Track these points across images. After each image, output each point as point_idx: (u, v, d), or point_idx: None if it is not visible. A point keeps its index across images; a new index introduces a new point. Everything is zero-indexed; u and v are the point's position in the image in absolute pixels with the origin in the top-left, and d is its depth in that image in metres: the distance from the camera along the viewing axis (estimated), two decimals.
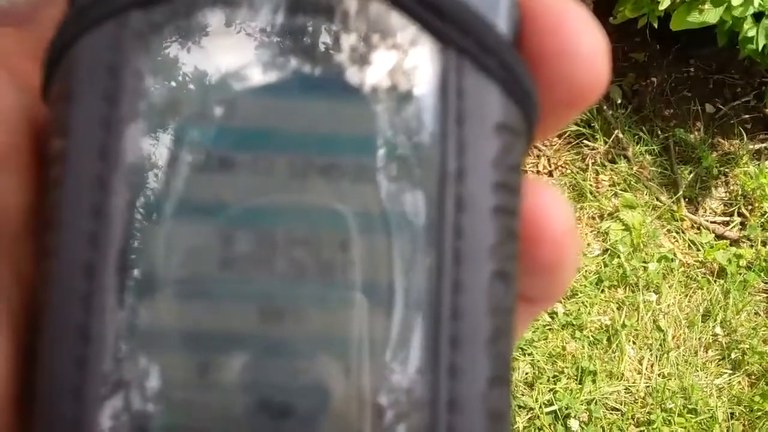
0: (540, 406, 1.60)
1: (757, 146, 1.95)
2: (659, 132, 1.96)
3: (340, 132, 0.19)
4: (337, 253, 0.19)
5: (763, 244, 1.82)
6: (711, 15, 1.63)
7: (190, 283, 0.19)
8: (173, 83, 0.19)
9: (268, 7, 0.19)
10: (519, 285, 0.20)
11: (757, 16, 1.63)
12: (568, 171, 1.88)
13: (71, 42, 0.19)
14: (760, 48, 1.61)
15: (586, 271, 1.75)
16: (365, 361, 0.19)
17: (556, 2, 0.20)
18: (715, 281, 1.77)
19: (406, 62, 0.19)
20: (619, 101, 1.97)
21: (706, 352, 1.71)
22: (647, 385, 1.65)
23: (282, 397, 0.18)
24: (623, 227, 1.81)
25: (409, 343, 0.19)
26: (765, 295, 1.77)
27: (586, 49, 0.20)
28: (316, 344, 0.19)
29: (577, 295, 1.71)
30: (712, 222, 1.86)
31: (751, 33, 1.62)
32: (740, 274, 1.78)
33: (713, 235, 1.84)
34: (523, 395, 1.61)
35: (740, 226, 1.86)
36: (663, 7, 1.66)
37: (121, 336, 0.18)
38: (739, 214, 1.87)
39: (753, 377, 1.68)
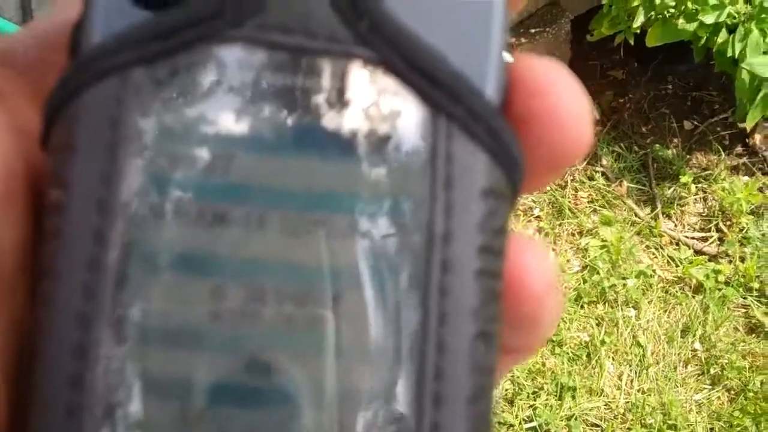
0: (520, 423, 1.60)
1: (734, 162, 1.96)
2: (637, 148, 1.97)
3: (331, 190, 0.19)
4: (325, 309, 0.19)
5: (741, 259, 1.83)
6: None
7: (181, 335, 0.19)
8: (172, 139, 0.19)
9: (266, 68, 0.20)
10: (500, 338, 0.21)
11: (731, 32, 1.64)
12: (547, 188, 1.89)
13: (73, 94, 0.19)
14: (736, 53, 1.62)
15: (565, 287, 1.75)
16: (351, 415, 0.19)
17: (543, 66, 0.21)
18: (693, 297, 1.78)
19: (397, 126, 0.20)
20: (598, 118, 1.98)
21: (686, 368, 1.71)
22: (627, 400, 1.65)
23: None
24: (602, 243, 1.82)
25: (394, 399, 0.19)
26: (744, 310, 1.78)
27: (570, 113, 0.21)
28: (303, 398, 0.19)
29: None
30: (690, 237, 1.87)
31: (726, 46, 1.64)
32: (719, 289, 1.78)
33: (692, 250, 1.85)
34: (503, 412, 1.61)
35: (718, 242, 1.87)
36: (637, 23, 1.68)
37: (112, 385, 0.19)
38: (717, 230, 1.88)
39: (732, 392, 1.68)
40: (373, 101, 0.20)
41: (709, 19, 1.62)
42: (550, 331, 0.22)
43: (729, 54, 1.63)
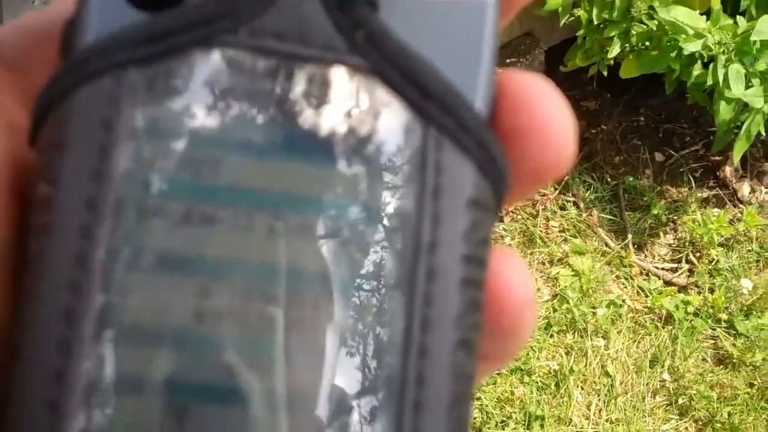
0: None
1: (705, 194, 1.97)
2: (609, 179, 1.98)
3: (320, 195, 0.20)
4: (309, 313, 0.19)
5: (711, 290, 1.84)
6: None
7: (165, 334, 0.19)
8: (162, 140, 0.19)
9: (259, 74, 0.20)
10: (479, 346, 0.21)
11: (705, 65, 1.65)
12: (519, 217, 1.90)
13: (66, 92, 0.20)
14: (720, 81, 1.60)
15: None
16: (332, 420, 0.19)
17: (529, 81, 0.22)
18: (663, 327, 1.78)
19: (387, 135, 0.20)
20: None
21: (654, 398, 1.71)
22: (595, 430, 1.65)
23: None
24: (573, 273, 1.82)
25: (375, 405, 0.19)
26: (712, 341, 1.78)
27: (556, 130, 0.21)
28: (285, 403, 0.19)
29: None
30: (660, 268, 1.88)
31: (702, 78, 1.64)
32: (688, 320, 1.78)
33: (661, 281, 1.85)
34: None
35: (688, 273, 1.88)
36: (612, 55, 1.69)
37: (95, 382, 0.18)
38: (687, 261, 1.89)
39: (700, 423, 1.68)
40: (364, 110, 0.20)
41: (691, 47, 1.61)
42: (525, 340, 0.23)
43: (709, 83, 1.63)
